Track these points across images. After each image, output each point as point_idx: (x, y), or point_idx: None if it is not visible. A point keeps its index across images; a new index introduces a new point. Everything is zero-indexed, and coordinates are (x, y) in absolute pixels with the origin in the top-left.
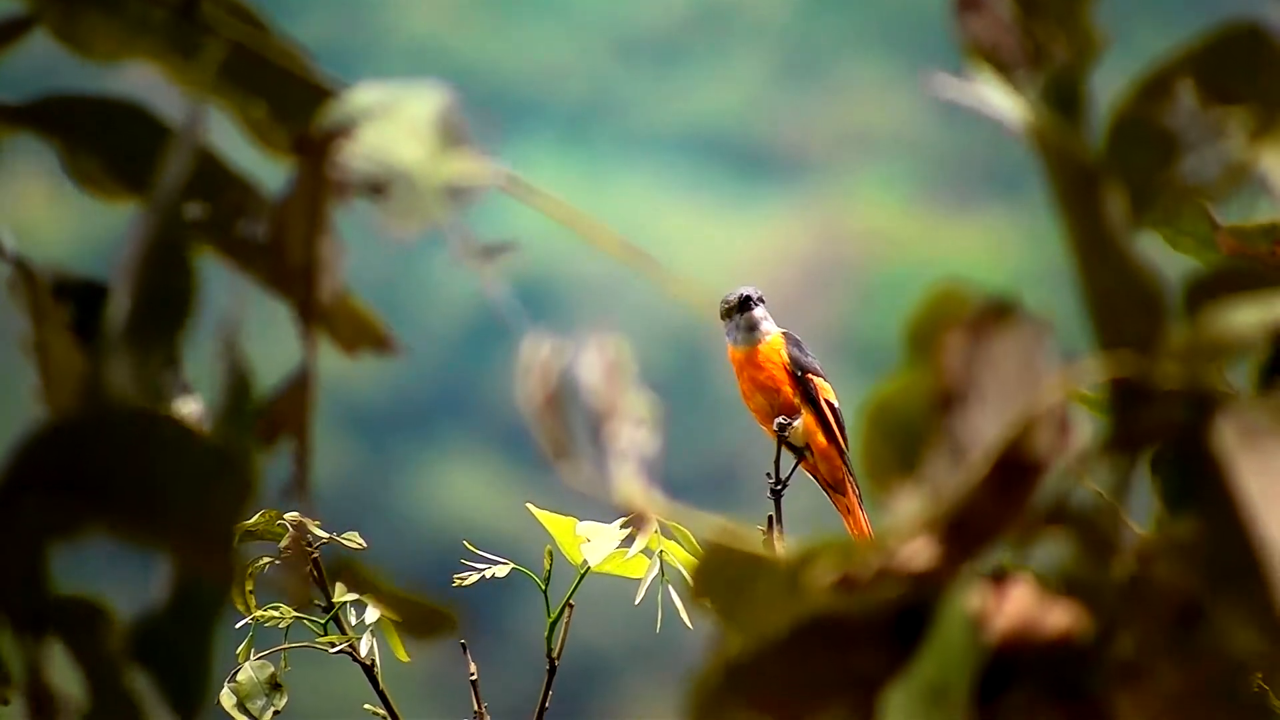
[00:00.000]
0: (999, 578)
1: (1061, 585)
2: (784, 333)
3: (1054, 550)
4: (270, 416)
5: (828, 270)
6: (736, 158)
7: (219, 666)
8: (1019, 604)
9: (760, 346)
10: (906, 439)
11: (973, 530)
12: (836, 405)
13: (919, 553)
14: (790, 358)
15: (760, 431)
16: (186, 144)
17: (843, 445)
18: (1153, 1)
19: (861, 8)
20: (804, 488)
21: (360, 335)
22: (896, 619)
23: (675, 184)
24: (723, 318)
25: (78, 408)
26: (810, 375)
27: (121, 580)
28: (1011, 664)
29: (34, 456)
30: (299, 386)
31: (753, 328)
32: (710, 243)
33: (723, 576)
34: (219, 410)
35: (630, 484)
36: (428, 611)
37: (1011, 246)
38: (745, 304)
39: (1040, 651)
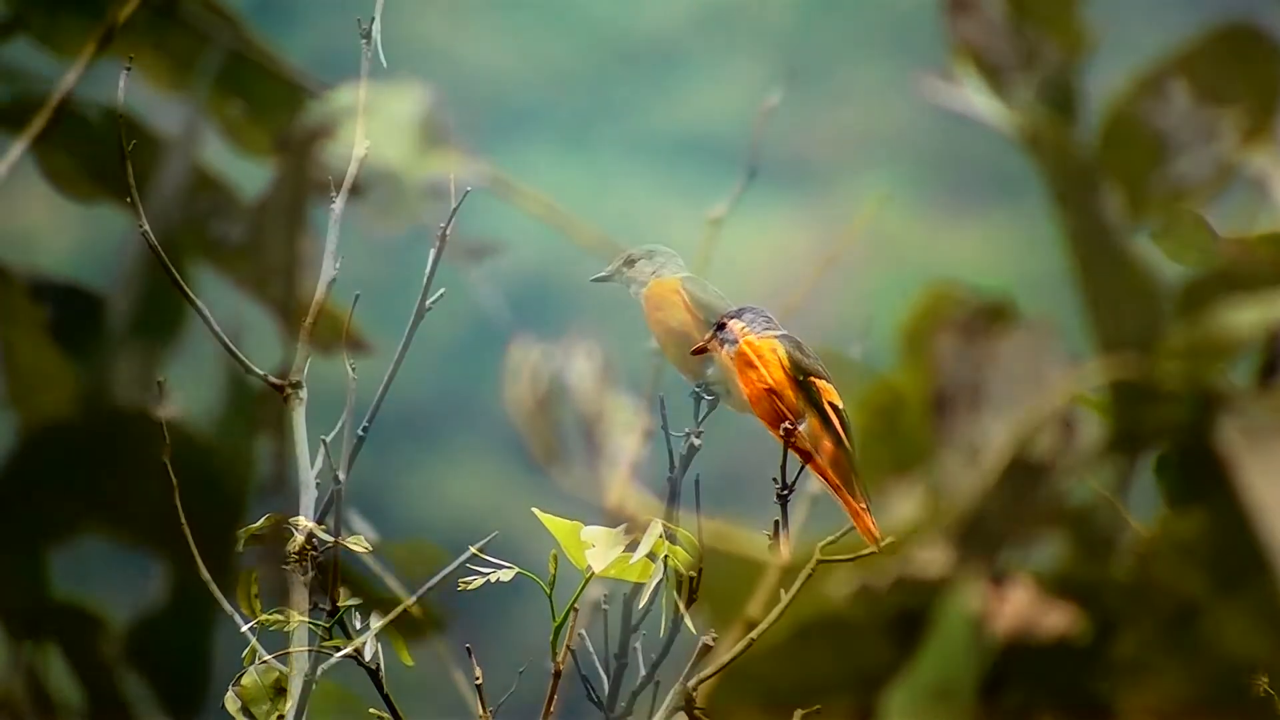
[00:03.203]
0: (998, 579)
1: (1061, 585)
2: (784, 335)
3: (1054, 550)
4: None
5: (828, 274)
6: (739, 163)
7: (222, 670)
8: (1018, 604)
9: (728, 358)
10: (900, 438)
11: (984, 533)
12: (841, 407)
13: (935, 559)
14: (791, 360)
15: (763, 436)
16: (183, 152)
17: (849, 447)
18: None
19: (864, 13)
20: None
21: (336, 336)
22: (896, 618)
23: (677, 188)
24: None
25: (75, 410)
26: (812, 378)
27: (118, 583)
28: (1009, 663)
29: (31, 459)
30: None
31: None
32: (712, 246)
33: (722, 578)
34: (218, 411)
35: (621, 487)
36: (417, 617)
37: (1012, 252)
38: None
39: (1038, 651)
